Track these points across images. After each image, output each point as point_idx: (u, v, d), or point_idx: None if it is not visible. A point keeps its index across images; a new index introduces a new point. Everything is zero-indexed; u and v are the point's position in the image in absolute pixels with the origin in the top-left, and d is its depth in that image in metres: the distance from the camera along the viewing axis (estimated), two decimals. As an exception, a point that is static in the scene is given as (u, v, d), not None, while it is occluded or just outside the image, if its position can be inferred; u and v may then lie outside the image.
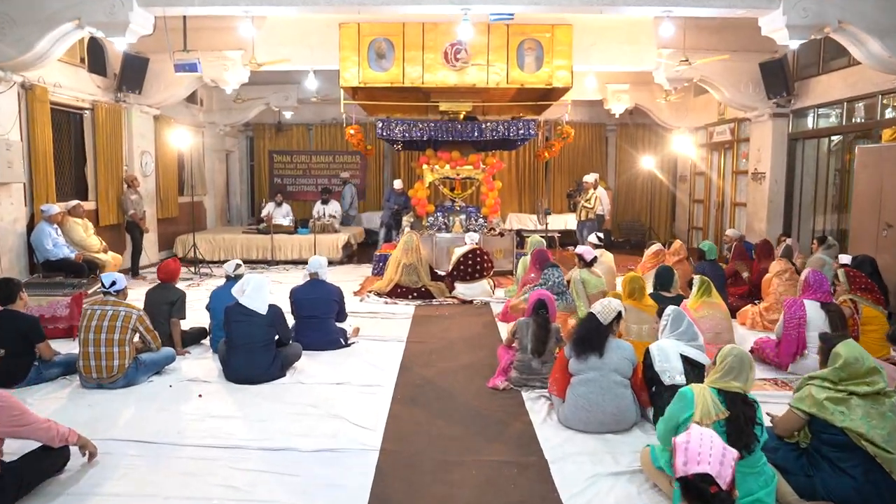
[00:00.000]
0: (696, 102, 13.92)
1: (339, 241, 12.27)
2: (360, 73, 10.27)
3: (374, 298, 8.77)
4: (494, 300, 8.79)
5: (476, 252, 8.94)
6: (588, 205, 11.12)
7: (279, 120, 15.70)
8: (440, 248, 10.93)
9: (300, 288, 6.52)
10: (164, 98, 11.15)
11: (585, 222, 11.27)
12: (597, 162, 16.26)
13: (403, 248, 8.86)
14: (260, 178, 16.27)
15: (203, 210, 14.32)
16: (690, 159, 14.42)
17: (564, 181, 16.22)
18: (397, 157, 15.96)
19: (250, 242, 12.31)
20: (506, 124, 10.97)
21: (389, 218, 12.49)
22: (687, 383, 4.13)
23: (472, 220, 11.69)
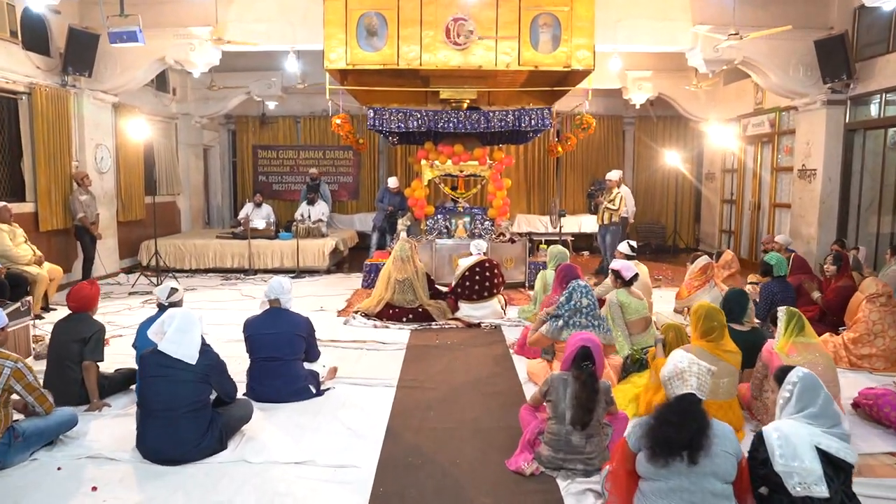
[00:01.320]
0: (727, 92, 12.32)
1: (325, 248, 10.68)
2: (349, 54, 8.70)
3: (360, 321, 7.19)
4: (506, 322, 7.21)
5: (485, 265, 7.35)
6: (612, 206, 9.54)
7: (263, 112, 14.11)
8: (441, 255, 9.35)
9: (256, 320, 4.93)
10: (123, 83, 9.56)
11: (608, 226, 9.67)
12: (613, 158, 14.66)
13: (396, 259, 7.27)
14: (243, 176, 14.69)
15: (177, 211, 12.74)
16: (720, 155, 12.83)
17: (577, 179, 14.63)
18: (393, 152, 14.37)
19: (225, 249, 10.73)
20: (516, 113, 9.37)
21: (383, 221, 10.90)
22: (830, 497, 2.60)
23: (477, 224, 10.11)
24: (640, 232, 14.32)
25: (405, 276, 7.15)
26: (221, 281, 10.11)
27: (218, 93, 12.59)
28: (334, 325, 7.16)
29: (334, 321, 7.32)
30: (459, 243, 9.46)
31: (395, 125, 9.28)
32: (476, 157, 9.91)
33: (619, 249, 7.28)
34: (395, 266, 7.25)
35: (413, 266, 7.22)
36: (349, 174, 14.57)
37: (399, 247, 7.31)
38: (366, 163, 14.49)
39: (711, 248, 13.18)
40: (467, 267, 7.33)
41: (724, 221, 12.77)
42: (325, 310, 7.96)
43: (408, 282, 7.15)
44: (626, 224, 10.19)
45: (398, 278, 7.18)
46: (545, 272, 7.05)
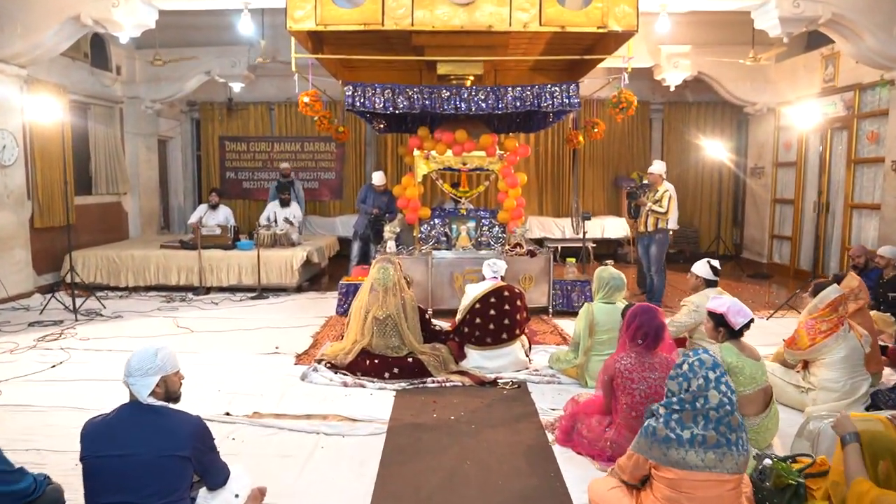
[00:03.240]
0: (783, 70, 10.07)
1: (294, 259, 8.41)
2: (319, 11, 6.54)
3: (325, 374, 4.92)
4: (534, 377, 4.95)
5: (502, 294, 5.07)
6: (659, 208, 7.26)
7: (230, 96, 11.82)
8: (439, 273, 7.10)
9: (100, 426, 2.61)
10: (27, 50, 7.27)
11: (654, 234, 7.40)
12: (638, 151, 12.41)
13: (374, 288, 5.01)
14: (209, 172, 12.39)
15: (123, 215, 10.44)
16: (771, 145, 10.56)
17: (597, 175, 12.36)
18: (383, 143, 12.08)
19: (169, 261, 8.45)
20: (536, 90, 7.13)
21: (366, 227, 8.62)
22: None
23: (484, 231, 7.86)
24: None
25: (387, 313, 4.89)
26: (161, 303, 7.83)
27: (172, 72, 10.30)
28: (287, 381, 4.90)
29: (288, 374, 5.06)
30: (462, 256, 7.21)
31: (379, 104, 7.02)
32: (483, 145, 7.66)
33: (694, 271, 5.03)
34: (372, 298, 4.99)
35: (399, 298, 4.96)
36: (331, 170, 12.28)
37: (379, 271, 5.04)
38: (350, 156, 12.20)
39: (758, 256, 10.94)
40: (478, 297, 5.06)
41: (776, 225, 10.51)
42: (281, 352, 5.70)
43: (391, 321, 4.89)
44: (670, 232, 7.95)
45: (378, 316, 4.92)
46: (591, 306, 4.80)
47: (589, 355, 4.75)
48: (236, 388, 4.72)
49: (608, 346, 4.75)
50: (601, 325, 4.72)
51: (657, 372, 3.48)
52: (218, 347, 5.86)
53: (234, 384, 4.81)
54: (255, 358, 5.52)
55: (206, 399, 4.47)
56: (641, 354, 3.54)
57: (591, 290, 7.23)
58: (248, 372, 5.11)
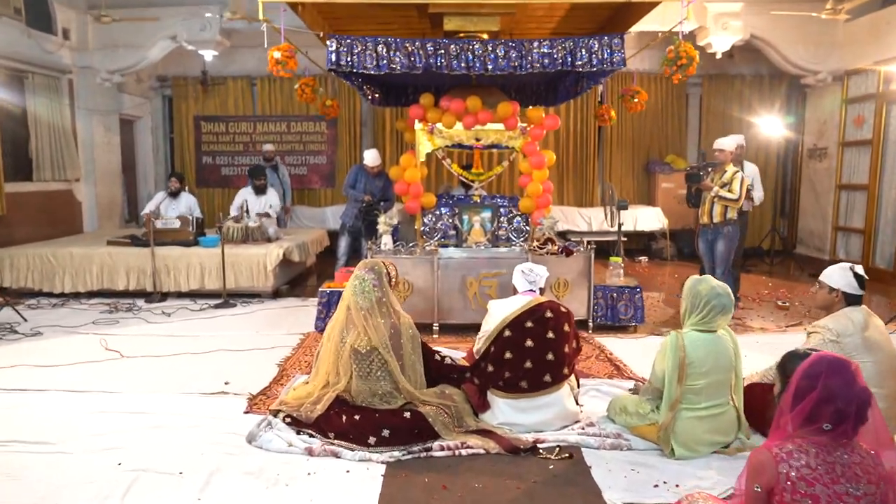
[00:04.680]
0: (856, 29, 8.36)
1: (268, 259, 6.77)
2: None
3: (281, 436, 3.29)
4: (591, 438, 3.29)
5: (544, 317, 3.39)
6: (729, 194, 5.59)
7: (204, 69, 10.15)
8: (448, 277, 5.46)
9: None
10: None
11: (721, 226, 5.73)
12: (673, 130, 10.71)
13: (355, 307, 3.36)
14: (184, 157, 10.74)
15: (74, 205, 8.80)
16: (835, 122, 8.86)
17: (626, 158, 10.66)
18: (381, 121, 10.41)
19: (117, 261, 6.82)
20: (569, 44, 5.48)
21: (356, 218, 6.94)
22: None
23: (502, 222, 6.24)
24: (709, 229, 10.38)
25: (370, 346, 3.25)
26: (102, 314, 6.22)
27: (132, 37, 8.64)
28: (226, 445, 3.26)
29: (231, 432, 3.41)
30: (476, 255, 5.56)
31: (371, 63, 5.39)
32: (501, 116, 6.02)
33: (828, 282, 3.37)
34: (351, 320, 3.34)
35: (389, 321, 3.32)
36: (322, 153, 10.62)
37: (354, 283, 3.39)
38: (344, 138, 10.53)
39: (817, 251, 9.26)
40: (508, 320, 3.39)
41: (841, 215, 8.82)
42: (230, 392, 4.06)
43: (377, 357, 3.25)
44: (746, 223, 6.28)
45: (359, 348, 3.27)
46: (680, 336, 3.14)
47: (678, 411, 3.11)
48: (146, 460, 3.09)
49: (707, 397, 3.12)
50: (697, 366, 3.08)
51: (861, 484, 1.84)
52: (146, 382, 4.23)
53: (146, 451, 3.18)
54: (192, 402, 3.89)
55: (91, 483, 2.85)
56: (828, 450, 1.89)
57: (641, 299, 5.61)
58: (174, 427, 3.48)
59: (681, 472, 3.01)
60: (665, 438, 3.14)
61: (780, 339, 5.39)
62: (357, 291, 3.35)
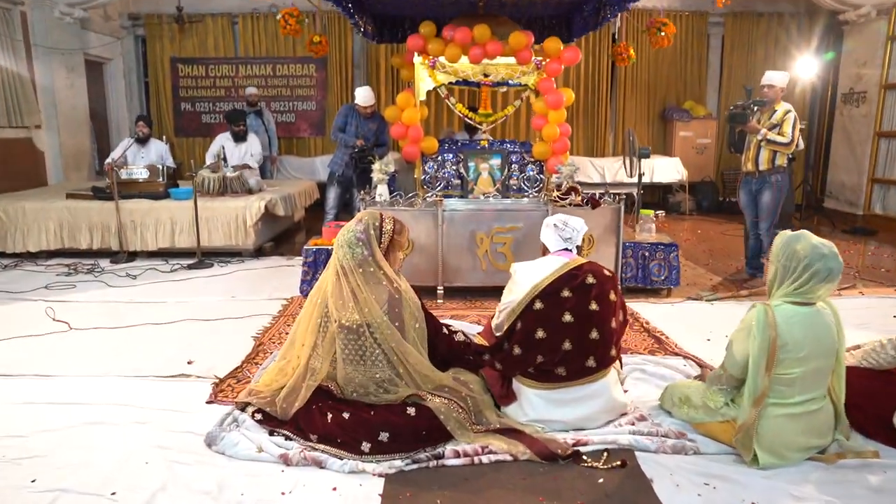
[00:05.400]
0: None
1: (248, 213, 5.96)
2: None
3: (249, 436, 2.55)
4: (644, 439, 2.55)
5: (585, 282, 2.61)
6: (779, 137, 4.76)
7: (179, 5, 9.12)
8: (454, 233, 4.66)
9: None
10: None
11: (769, 174, 4.92)
12: (692, 74, 9.81)
13: (342, 271, 2.58)
14: (160, 103, 9.80)
15: (35, 155, 7.90)
16: (877, 63, 7.97)
17: (641, 104, 9.77)
18: (374, 60, 9.46)
19: (78, 217, 6.00)
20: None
21: (346, 165, 6.07)
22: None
23: (513, 170, 5.45)
24: (727, 182, 9.61)
25: (361, 320, 2.49)
26: (59, 276, 5.44)
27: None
28: (180, 450, 2.52)
29: (188, 430, 2.66)
30: (485, 207, 4.76)
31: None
32: (513, 48, 5.18)
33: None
34: (337, 289, 2.57)
35: (386, 290, 2.55)
36: (311, 98, 9.68)
37: (343, 241, 2.60)
38: (334, 81, 9.59)
39: (850, 206, 8.47)
40: (540, 289, 2.61)
41: (879, 167, 8.01)
42: (192, 375, 3.29)
43: (370, 334, 2.50)
44: (792, 172, 5.47)
45: (346, 323, 2.51)
46: (769, 310, 2.37)
47: (763, 407, 2.36)
48: (70, 474, 2.34)
49: (802, 389, 2.37)
50: (793, 349, 2.32)
51: None
52: (92, 362, 3.47)
53: (72, 461, 2.44)
54: (144, 388, 3.13)
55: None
56: None
57: (678, 258, 4.84)
58: (116, 424, 2.73)
59: (771, 488, 2.28)
60: (745, 441, 2.40)
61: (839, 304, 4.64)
62: (342, 245, 2.57)
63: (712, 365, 3.36)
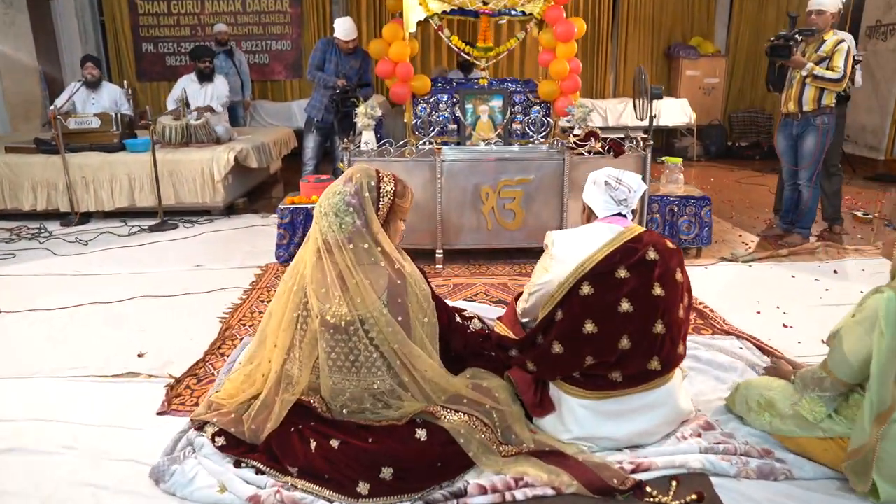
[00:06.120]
0: None
1: (216, 165, 5.22)
2: None
3: (210, 468, 1.93)
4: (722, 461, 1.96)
5: (644, 259, 1.97)
6: (830, 73, 4.07)
7: (133, -71, 8.10)
8: (454, 186, 3.98)
9: None
10: None
11: (814, 116, 4.22)
12: (700, 10, 9.02)
13: (322, 244, 1.93)
14: (119, 45, 8.84)
15: (-26, 103, 7.03)
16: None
17: (644, 43, 8.99)
18: (354, -2, 8.58)
19: (19, 173, 5.21)
20: None
21: (325, 109, 5.25)
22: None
23: (516, 113, 4.78)
24: (736, 127, 8.96)
25: (352, 315, 1.84)
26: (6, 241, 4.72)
27: None
28: (124, 482, 1.90)
29: (131, 458, 2.03)
30: (493, 158, 4.07)
31: None
32: (517, -30, 4.41)
33: None
34: (319, 273, 1.91)
35: (382, 267, 1.90)
36: (285, 37, 8.78)
37: (327, 201, 1.93)
38: (311, 18, 8.67)
39: (871, 150, 7.86)
40: (588, 267, 1.97)
41: (906, 106, 7.39)
42: (141, 375, 2.63)
43: (359, 335, 1.86)
44: (844, 114, 4.78)
45: (331, 319, 1.86)
46: (891, 298, 1.75)
47: (890, 424, 1.77)
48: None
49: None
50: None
51: None
52: (17, 358, 2.80)
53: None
54: (78, 394, 2.47)
55: None
56: None
57: (710, 213, 4.22)
58: (33, 453, 2.08)
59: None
60: (861, 468, 1.82)
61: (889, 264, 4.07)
62: (325, 213, 1.90)
63: (776, 350, 2.78)
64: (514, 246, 4.08)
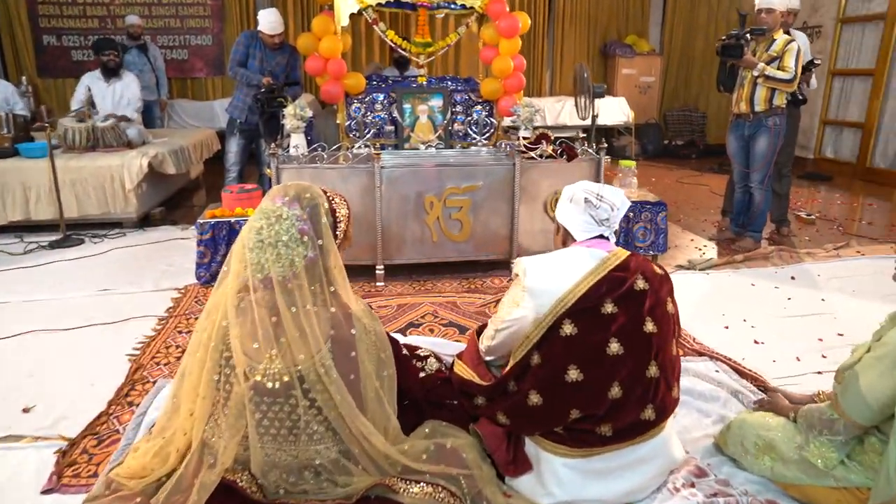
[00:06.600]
0: None
1: (126, 173, 4.67)
2: None
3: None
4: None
5: (633, 290, 1.67)
6: (780, 73, 3.92)
7: None
8: (396, 197, 3.60)
9: None
10: None
11: (766, 117, 4.06)
12: (634, 8, 8.96)
13: (256, 300, 1.53)
14: (15, 37, 7.99)
15: None
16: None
17: (580, 41, 8.84)
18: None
19: None
20: None
21: (249, 109, 4.74)
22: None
23: (457, 113, 4.49)
24: (671, 125, 8.95)
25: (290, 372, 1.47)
26: None
27: None
28: None
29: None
30: (430, 164, 3.73)
31: None
32: (457, -40, 4.09)
33: None
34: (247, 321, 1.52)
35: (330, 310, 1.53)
36: (205, 31, 8.16)
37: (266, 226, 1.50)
38: (233, 9, 8.07)
39: (802, 149, 7.94)
40: (571, 302, 1.66)
41: (832, 107, 7.48)
42: (26, 437, 2.14)
43: (297, 397, 1.49)
44: (798, 116, 4.65)
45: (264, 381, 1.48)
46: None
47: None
48: None
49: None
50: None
51: None
52: None
53: None
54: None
55: None
56: None
57: (665, 220, 4.03)
58: None
59: None
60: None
61: (843, 267, 3.99)
62: (261, 245, 1.50)
63: (757, 374, 2.56)
64: (461, 259, 3.75)
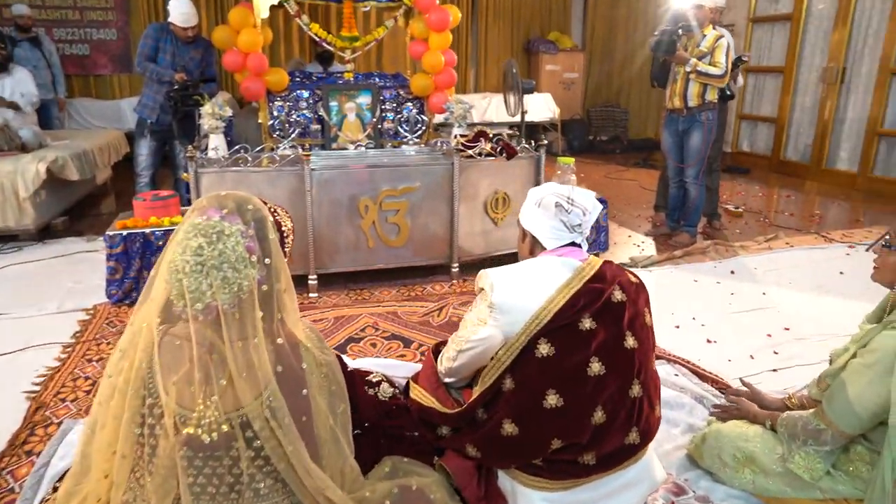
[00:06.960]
0: None
1: (21, 180, 4.18)
2: None
3: None
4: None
5: (610, 302, 1.51)
6: (711, 69, 3.90)
7: None
8: (328, 200, 3.35)
9: None
10: None
11: (698, 112, 4.05)
12: (556, 6, 8.97)
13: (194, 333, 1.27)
14: None
15: None
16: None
17: (503, 37, 8.77)
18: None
19: None
20: None
21: (161, 108, 4.31)
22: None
23: (386, 111, 4.29)
24: (595, 121, 9.03)
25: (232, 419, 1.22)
26: None
27: None
28: None
29: None
30: (371, 164, 3.50)
31: None
32: (384, -51, 3.88)
33: None
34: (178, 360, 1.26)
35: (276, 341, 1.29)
36: (109, 24, 7.54)
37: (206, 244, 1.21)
38: (139, 1, 7.52)
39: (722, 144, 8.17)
40: (546, 319, 1.48)
41: (747, 103, 7.71)
42: None
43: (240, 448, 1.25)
44: (726, 111, 4.67)
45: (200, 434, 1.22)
46: None
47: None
48: None
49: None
50: None
51: None
52: None
53: None
54: None
55: None
56: None
57: (606, 218, 3.96)
58: None
59: None
60: None
61: (776, 259, 4.04)
62: (201, 268, 1.22)
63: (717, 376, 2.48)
64: (400, 265, 3.54)
